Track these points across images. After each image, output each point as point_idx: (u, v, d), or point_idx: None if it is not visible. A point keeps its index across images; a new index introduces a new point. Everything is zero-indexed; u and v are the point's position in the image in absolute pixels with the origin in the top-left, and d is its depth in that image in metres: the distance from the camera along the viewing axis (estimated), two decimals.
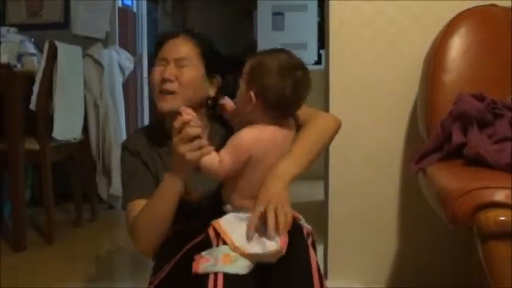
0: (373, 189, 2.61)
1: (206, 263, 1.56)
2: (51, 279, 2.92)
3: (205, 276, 1.55)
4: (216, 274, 1.54)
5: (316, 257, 1.66)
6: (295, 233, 1.67)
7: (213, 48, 2.00)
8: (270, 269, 1.62)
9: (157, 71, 1.91)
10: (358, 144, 2.60)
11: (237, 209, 1.67)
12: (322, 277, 1.64)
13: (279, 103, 1.67)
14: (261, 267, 1.63)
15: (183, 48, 1.93)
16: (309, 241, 1.70)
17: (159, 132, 1.99)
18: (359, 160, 2.60)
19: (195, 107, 1.83)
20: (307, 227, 1.73)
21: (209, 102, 1.97)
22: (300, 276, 1.61)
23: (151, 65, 2.03)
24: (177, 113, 1.69)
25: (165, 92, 1.88)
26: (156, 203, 1.75)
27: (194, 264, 1.58)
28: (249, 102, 1.65)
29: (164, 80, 1.87)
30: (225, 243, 1.58)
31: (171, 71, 1.88)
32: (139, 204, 1.83)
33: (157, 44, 1.98)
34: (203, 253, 1.59)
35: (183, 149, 1.61)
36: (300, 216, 1.74)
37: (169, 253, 1.80)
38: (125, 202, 1.91)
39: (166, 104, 1.88)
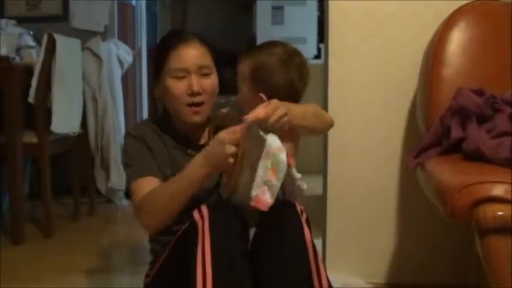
0: (372, 184, 2.61)
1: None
2: (49, 272, 2.92)
3: (194, 262, 1.56)
4: (204, 261, 1.55)
5: (311, 234, 1.67)
6: (288, 210, 1.68)
7: (216, 50, 2.00)
8: (263, 249, 1.63)
9: (181, 84, 1.89)
10: (356, 138, 2.59)
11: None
12: (317, 254, 1.65)
13: (289, 95, 1.76)
14: (254, 250, 1.64)
15: (202, 57, 1.91)
16: (303, 218, 1.70)
17: (165, 125, 1.98)
18: (358, 155, 2.60)
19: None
20: (300, 206, 1.74)
21: None
22: (294, 255, 1.62)
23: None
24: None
25: (194, 105, 1.88)
26: (181, 182, 1.75)
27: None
28: (261, 103, 1.67)
29: (193, 94, 1.87)
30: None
31: (198, 83, 1.87)
32: (146, 181, 1.84)
33: (164, 48, 1.94)
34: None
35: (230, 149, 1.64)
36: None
37: (165, 245, 1.80)
38: (128, 182, 1.90)
39: (198, 117, 1.90)
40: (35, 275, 2.88)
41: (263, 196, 1.57)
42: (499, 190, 1.49)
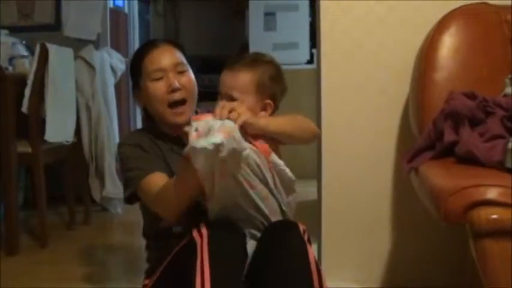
0: (366, 187, 2.61)
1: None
2: (45, 282, 2.91)
3: (193, 282, 1.55)
4: (202, 274, 1.54)
5: (315, 254, 1.67)
6: (291, 230, 1.67)
7: (185, 52, 2.07)
8: (265, 269, 1.62)
9: (160, 84, 1.92)
10: (350, 143, 2.60)
11: None
12: (321, 276, 1.64)
13: (280, 101, 1.87)
14: (256, 270, 1.63)
15: (175, 55, 1.97)
16: (305, 238, 1.70)
17: (155, 131, 2.01)
18: (352, 159, 2.61)
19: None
20: (302, 226, 1.73)
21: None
22: (298, 277, 1.61)
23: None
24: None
25: (176, 103, 1.90)
26: (179, 184, 1.73)
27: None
28: (269, 110, 1.80)
29: (174, 90, 1.89)
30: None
31: (176, 79, 1.90)
32: (155, 177, 1.85)
33: (139, 57, 2.01)
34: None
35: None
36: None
37: (162, 256, 1.80)
38: (135, 184, 1.89)
39: (181, 118, 1.92)
40: (31, 285, 2.87)
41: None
42: (492, 193, 1.50)
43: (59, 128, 3.68)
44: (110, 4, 4.88)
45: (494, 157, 1.69)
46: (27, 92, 3.45)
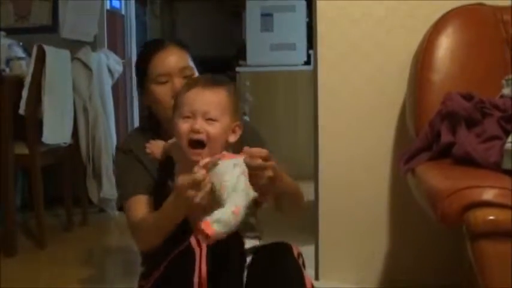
0: (363, 188, 2.62)
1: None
2: (43, 284, 2.91)
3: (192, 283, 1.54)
4: (200, 271, 1.53)
5: (311, 279, 1.65)
6: (285, 255, 1.66)
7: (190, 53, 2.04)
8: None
9: (164, 88, 1.91)
10: (347, 144, 2.60)
11: None
12: None
13: None
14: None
15: (182, 59, 1.95)
16: (300, 262, 1.68)
17: (154, 134, 1.99)
18: (348, 160, 2.61)
19: None
20: (297, 249, 1.71)
21: None
22: None
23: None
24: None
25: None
26: (162, 219, 1.70)
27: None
28: (238, 132, 1.66)
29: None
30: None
31: (181, 84, 1.88)
32: (138, 200, 1.85)
33: (144, 58, 1.98)
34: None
35: (190, 193, 1.50)
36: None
37: (158, 259, 1.79)
38: (120, 201, 1.92)
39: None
40: (29, 287, 2.87)
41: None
42: (489, 194, 1.50)
43: (56, 130, 3.68)
44: (107, 6, 4.87)
45: (491, 158, 1.70)
46: (25, 93, 3.45)
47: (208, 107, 1.59)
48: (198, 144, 1.58)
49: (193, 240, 1.62)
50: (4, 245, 3.41)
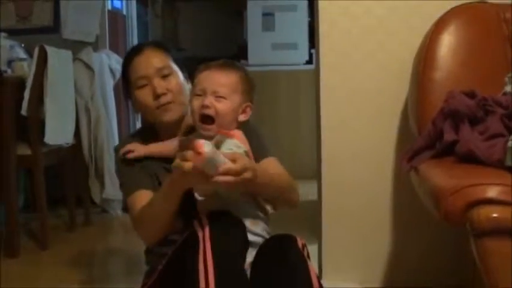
0: (366, 187, 2.61)
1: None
2: (45, 284, 2.91)
3: (196, 272, 1.54)
4: (206, 272, 1.53)
5: (315, 269, 1.66)
6: (290, 247, 1.67)
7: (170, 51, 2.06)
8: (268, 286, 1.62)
9: (145, 91, 1.94)
10: (350, 143, 2.60)
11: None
12: None
13: None
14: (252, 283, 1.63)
15: (158, 59, 1.98)
16: (305, 253, 1.69)
17: (150, 137, 2.02)
18: (351, 159, 2.61)
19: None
20: (301, 241, 1.73)
21: None
22: None
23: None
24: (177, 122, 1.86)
25: (163, 105, 1.93)
26: (160, 200, 1.77)
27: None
28: (249, 112, 1.81)
29: (158, 96, 1.91)
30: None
31: (160, 85, 1.92)
32: (139, 195, 1.88)
33: (124, 67, 2.03)
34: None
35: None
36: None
37: (163, 255, 1.80)
38: (125, 199, 1.97)
39: (170, 114, 1.95)
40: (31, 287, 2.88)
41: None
42: (492, 192, 1.50)
43: (58, 130, 3.68)
44: (108, 6, 4.87)
45: (495, 156, 1.69)
46: (27, 94, 3.45)
47: (218, 86, 1.73)
48: (208, 118, 1.70)
49: (196, 224, 1.64)
50: (7, 246, 3.41)
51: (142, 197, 1.87)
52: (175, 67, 2.01)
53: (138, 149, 1.94)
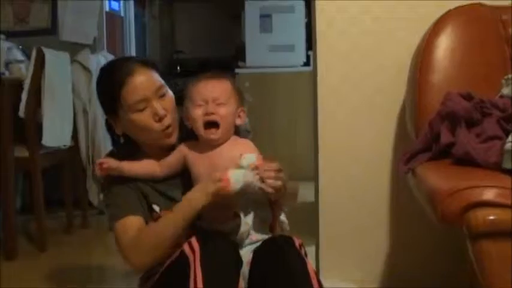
0: (364, 188, 2.61)
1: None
2: (43, 286, 2.91)
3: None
4: (195, 277, 1.54)
5: (313, 268, 1.66)
6: (288, 247, 1.67)
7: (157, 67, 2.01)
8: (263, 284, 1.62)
9: (146, 114, 1.84)
10: (347, 144, 2.60)
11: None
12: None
13: None
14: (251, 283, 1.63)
15: (153, 79, 1.87)
16: (302, 253, 1.70)
17: (133, 156, 1.94)
18: (348, 160, 2.61)
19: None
20: (298, 240, 1.74)
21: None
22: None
23: None
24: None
25: (167, 129, 1.88)
26: (175, 224, 1.75)
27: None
28: (243, 116, 1.90)
29: (161, 118, 1.83)
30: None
31: (161, 107, 1.84)
32: (130, 221, 1.81)
33: (112, 86, 1.87)
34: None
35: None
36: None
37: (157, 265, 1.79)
38: (111, 222, 1.86)
39: (173, 138, 1.90)
40: None
41: None
42: (489, 194, 1.50)
43: (56, 132, 3.68)
44: (106, 7, 4.87)
45: (491, 158, 1.70)
46: (24, 96, 3.45)
47: (217, 94, 1.80)
48: (212, 125, 1.79)
49: (186, 246, 1.63)
50: (4, 248, 3.41)
51: (133, 223, 1.81)
52: (165, 84, 1.92)
53: (111, 163, 1.85)
